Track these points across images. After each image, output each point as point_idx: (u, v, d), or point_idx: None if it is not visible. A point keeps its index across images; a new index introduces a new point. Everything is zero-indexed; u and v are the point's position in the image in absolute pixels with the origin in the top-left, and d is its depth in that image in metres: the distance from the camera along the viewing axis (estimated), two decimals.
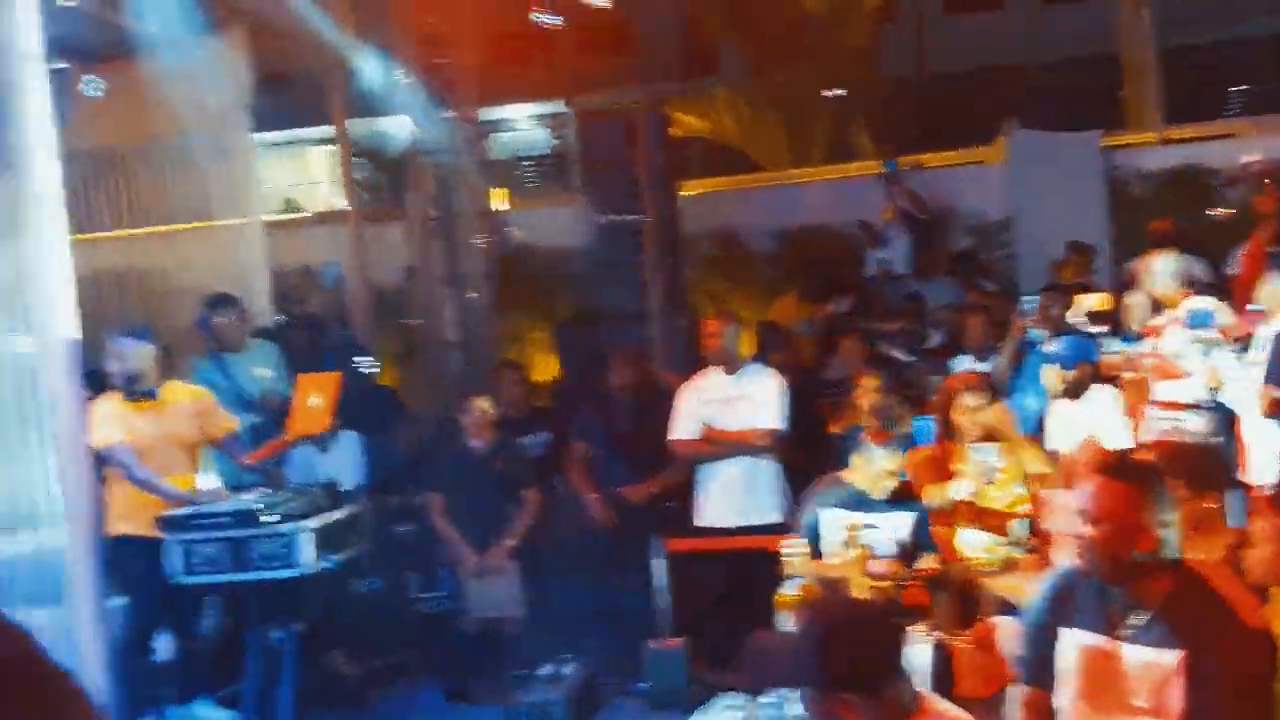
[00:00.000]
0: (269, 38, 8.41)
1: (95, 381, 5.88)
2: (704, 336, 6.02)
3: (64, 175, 5.44)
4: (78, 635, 4.90)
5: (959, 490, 4.95)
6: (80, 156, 7.63)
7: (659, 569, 5.73)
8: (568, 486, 6.30)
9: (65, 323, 5.48)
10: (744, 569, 5.80)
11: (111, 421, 5.30)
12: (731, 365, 5.89)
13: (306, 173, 19.05)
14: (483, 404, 6.31)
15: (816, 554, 4.68)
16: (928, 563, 4.76)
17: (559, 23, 9.41)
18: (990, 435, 5.09)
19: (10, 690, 1.00)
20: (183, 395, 5.60)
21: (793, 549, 4.47)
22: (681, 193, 8.43)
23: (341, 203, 11.39)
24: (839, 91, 12.25)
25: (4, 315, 6.03)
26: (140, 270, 8.66)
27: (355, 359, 7.33)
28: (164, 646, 5.57)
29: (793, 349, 7.33)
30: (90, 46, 7.88)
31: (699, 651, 5.66)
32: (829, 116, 12.44)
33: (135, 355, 5.44)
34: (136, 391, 5.41)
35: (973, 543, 4.90)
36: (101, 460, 5.28)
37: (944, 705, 2.66)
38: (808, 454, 6.10)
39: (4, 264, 6.00)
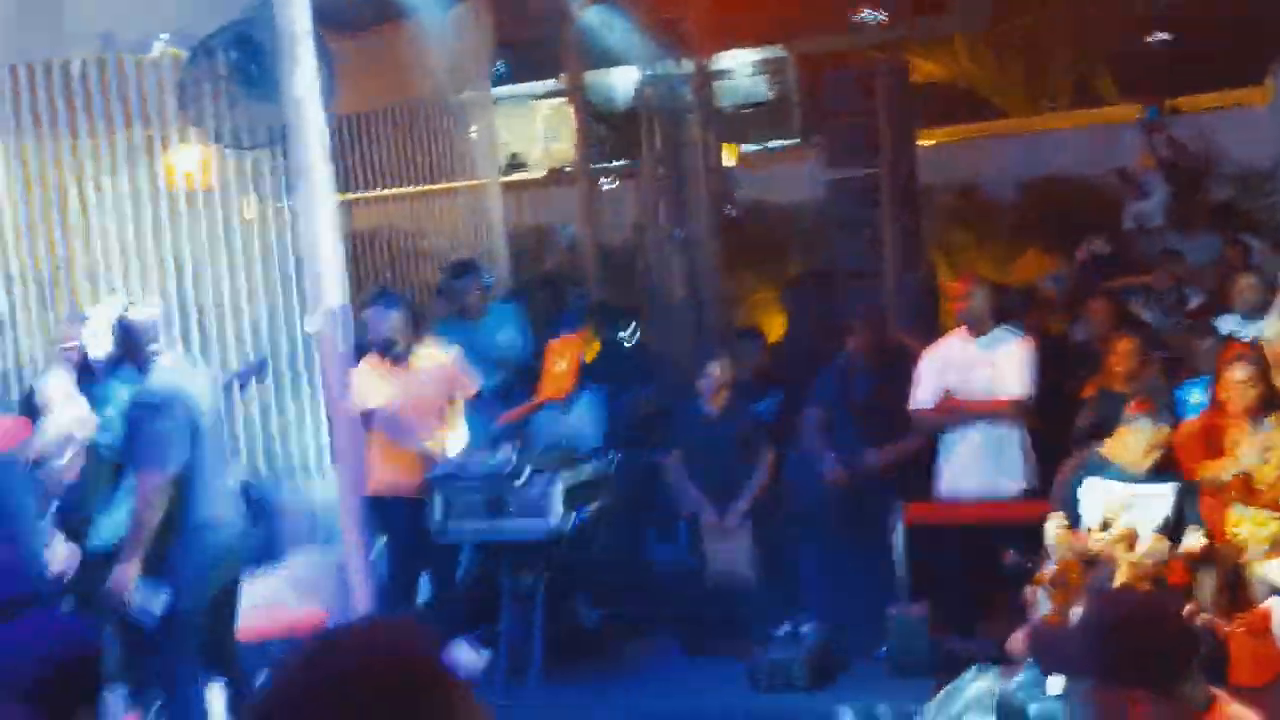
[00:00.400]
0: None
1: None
2: (952, 298, 5.83)
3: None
4: (347, 576, 5.27)
5: (1231, 467, 4.66)
6: (332, 121, 8.03)
7: (899, 535, 5.65)
8: (802, 450, 6.25)
9: (334, 287, 5.82)
10: (986, 538, 5.66)
11: (369, 385, 5.60)
12: (979, 328, 5.69)
13: (532, 129, 19.45)
14: (718, 367, 6.33)
15: (1075, 529, 4.52)
16: (1193, 542, 4.53)
17: None
18: (1264, 408, 4.77)
19: (419, 695, 1.07)
20: (432, 358, 5.85)
21: (1052, 524, 4.32)
22: (920, 143, 8.14)
23: (568, 161, 11.60)
24: (1088, 31, 11.56)
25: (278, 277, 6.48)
26: (388, 231, 9.07)
27: (598, 321, 7.47)
28: (423, 591, 5.90)
29: (1038, 309, 7.01)
30: (341, 13, 8.25)
31: (941, 618, 5.57)
32: (1076, 59, 11.75)
33: (389, 322, 5.72)
34: (390, 356, 5.69)
35: (1244, 522, 4.62)
36: (364, 420, 5.60)
37: (1236, 707, 2.54)
38: (1053, 421, 5.87)
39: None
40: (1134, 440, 4.54)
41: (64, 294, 6.51)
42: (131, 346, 4.57)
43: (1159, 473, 4.61)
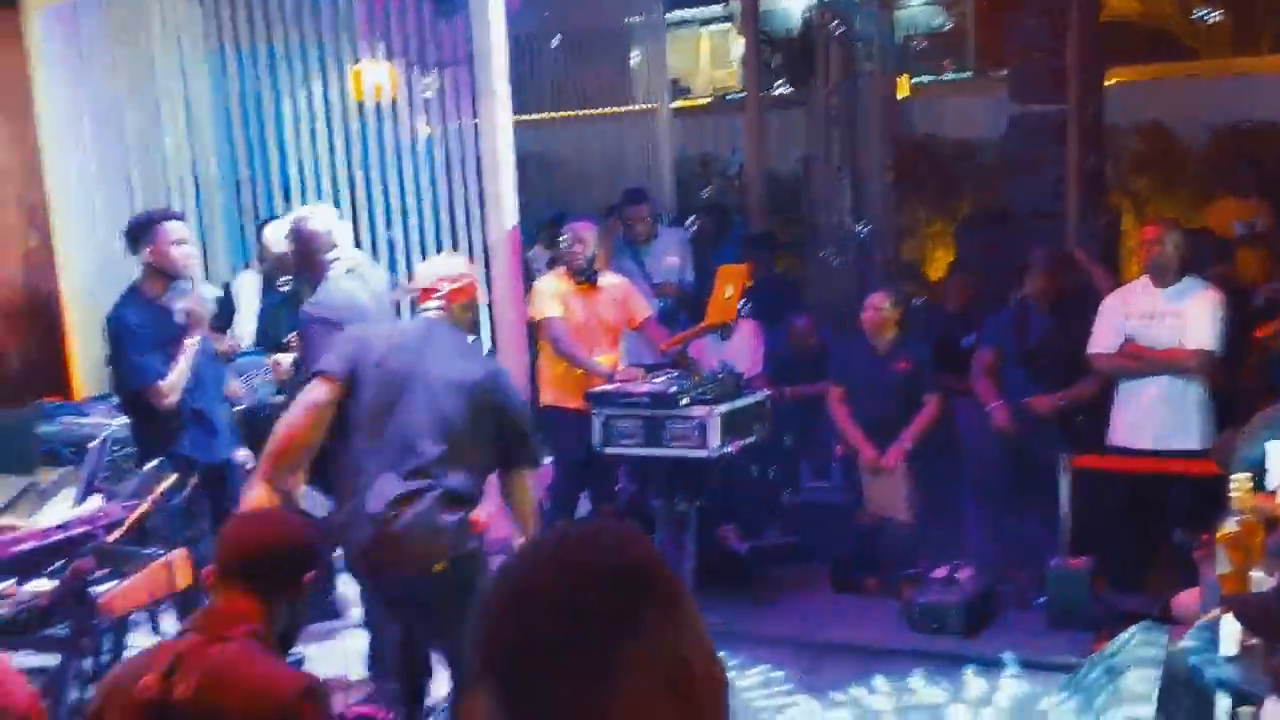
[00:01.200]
0: None
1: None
2: (1142, 244, 5.58)
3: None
4: None
5: None
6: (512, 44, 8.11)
7: (1064, 485, 5.51)
8: (972, 393, 6.13)
9: (510, 204, 5.93)
10: (1156, 492, 5.49)
11: (553, 298, 5.71)
12: (1167, 277, 5.45)
13: (697, 55, 19.23)
14: (884, 300, 6.22)
15: (1261, 488, 4.32)
16: None
17: None
18: None
19: (647, 594, 1.09)
20: (611, 280, 5.94)
21: (1238, 482, 4.14)
22: (1107, 81, 7.75)
23: (728, 86, 11.44)
24: None
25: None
26: (558, 155, 9.15)
27: (760, 251, 7.43)
28: (583, 505, 6.05)
29: (1230, 260, 6.66)
30: None
31: (1102, 572, 5.45)
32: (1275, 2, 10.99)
33: (590, 239, 5.80)
34: (583, 273, 5.77)
35: None
36: (537, 331, 5.72)
37: None
38: (1239, 375, 5.61)
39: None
40: None
41: (261, 201, 6.79)
42: (307, 255, 4.67)
43: None
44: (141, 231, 4.79)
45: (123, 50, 6.67)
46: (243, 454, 5.11)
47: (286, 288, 5.26)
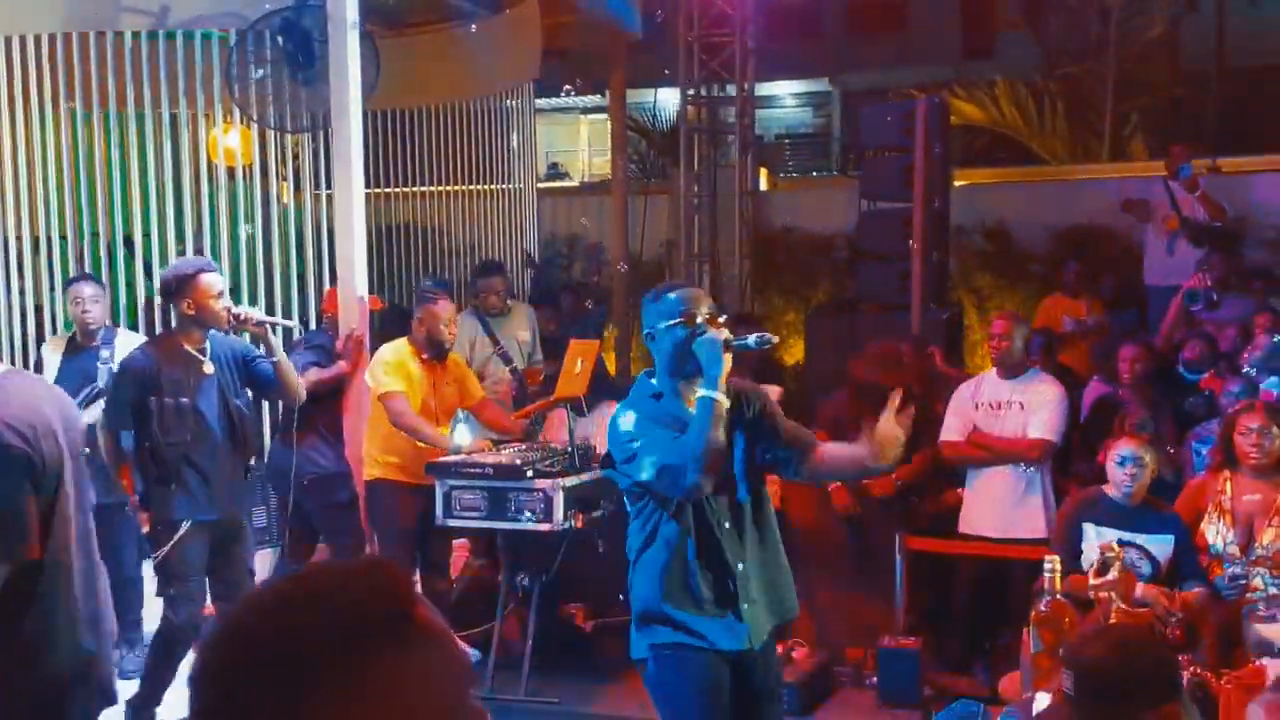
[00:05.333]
0: (558, 9, 8.70)
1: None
2: (990, 336, 5.81)
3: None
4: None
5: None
6: (374, 117, 8.16)
7: (899, 565, 5.64)
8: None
9: (361, 272, 5.89)
10: (993, 579, 5.64)
11: (395, 371, 5.60)
12: (1014, 369, 5.68)
13: (574, 140, 19.53)
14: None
15: (1075, 570, 4.50)
16: (1190, 593, 4.50)
17: None
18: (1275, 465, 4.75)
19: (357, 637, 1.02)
20: (454, 358, 5.90)
21: (1051, 564, 4.31)
22: (955, 182, 8.15)
23: (605, 172, 11.69)
24: (1129, 84, 11.54)
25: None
26: (422, 227, 9.17)
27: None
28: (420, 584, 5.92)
29: (1067, 353, 6.98)
30: (391, 11, 8.39)
31: (934, 654, 5.56)
32: (1117, 112, 11.73)
33: (453, 323, 5.74)
34: (436, 353, 5.66)
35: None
36: (386, 405, 5.59)
37: None
38: (1073, 465, 5.86)
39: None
40: (1120, 473, 4.55)
41: (100, 259, 6.61)
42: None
43: (1161, 519, 4.60)
44: (181, 284, 4.66)
45: None
46: None
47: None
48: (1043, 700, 3.62)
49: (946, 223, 7.90)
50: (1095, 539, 4.55)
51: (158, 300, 5.79)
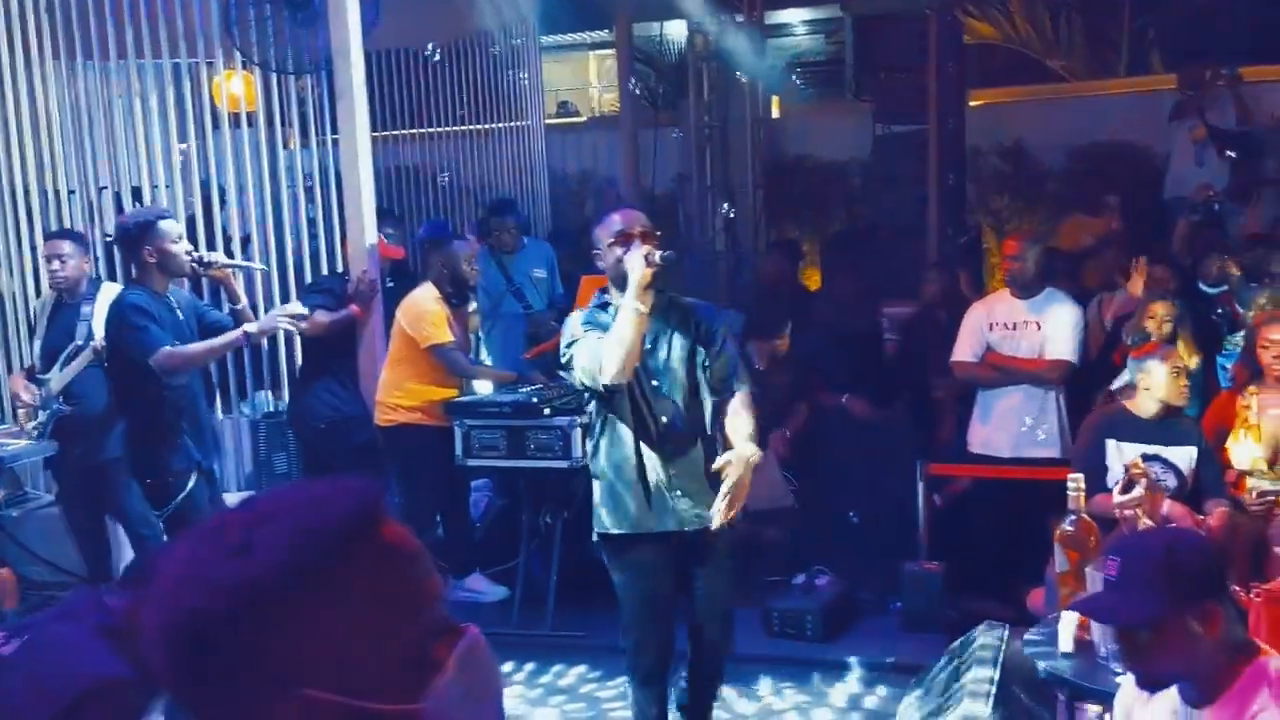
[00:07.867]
0: None
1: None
2: (1003, 257, 5.73)
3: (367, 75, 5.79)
4: None
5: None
6: (378, 56, 8.06)
7: (921, 491, 5.62)
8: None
9: (369, 215, 5.85)
10: (1013, 500, 5.62)
11: (443, 322, 5.62)
12: (1028, 289, 5.61)
13: (583, 76, 19.33)
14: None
15: (1099, 488, 4.47)
16: (1215, 510, 4.47)
17: None
18: None
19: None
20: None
21: (1075, 482, 4.27)
22: (970, 103, 7.99)
23: (616, 108, 11.54)
24: None
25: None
26: (431, 168, 9.09)
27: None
28: (442, 524, 5.95)
29: (1083, 273, 6.88)
30: None
31: (957, 576, 5.55)
32: (1134, 25, 11.45)
33: (475, 264, 5.77)
34: (465, 296, 5.74)
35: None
36: (418, 352, 5.58)
37: None
38: (1090, 384, 5.80)
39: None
40: (1145, 383, 4.48)
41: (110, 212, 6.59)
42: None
43: (1185, 433, 4.55)
44: (142, 230, 4.54)
45: None
46: None
47: None
48: (1068, 619, 3.60)
49: (963, 145, 7.78)
50: (1118, 455, 4.51)
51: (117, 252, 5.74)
